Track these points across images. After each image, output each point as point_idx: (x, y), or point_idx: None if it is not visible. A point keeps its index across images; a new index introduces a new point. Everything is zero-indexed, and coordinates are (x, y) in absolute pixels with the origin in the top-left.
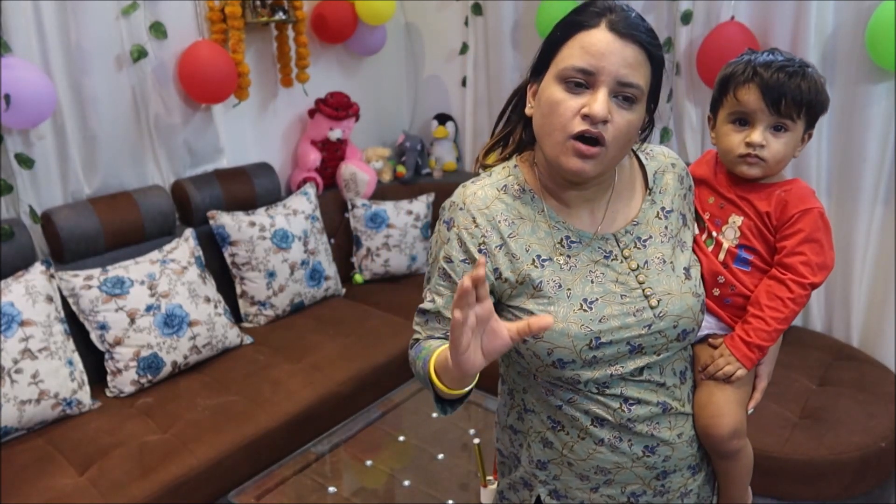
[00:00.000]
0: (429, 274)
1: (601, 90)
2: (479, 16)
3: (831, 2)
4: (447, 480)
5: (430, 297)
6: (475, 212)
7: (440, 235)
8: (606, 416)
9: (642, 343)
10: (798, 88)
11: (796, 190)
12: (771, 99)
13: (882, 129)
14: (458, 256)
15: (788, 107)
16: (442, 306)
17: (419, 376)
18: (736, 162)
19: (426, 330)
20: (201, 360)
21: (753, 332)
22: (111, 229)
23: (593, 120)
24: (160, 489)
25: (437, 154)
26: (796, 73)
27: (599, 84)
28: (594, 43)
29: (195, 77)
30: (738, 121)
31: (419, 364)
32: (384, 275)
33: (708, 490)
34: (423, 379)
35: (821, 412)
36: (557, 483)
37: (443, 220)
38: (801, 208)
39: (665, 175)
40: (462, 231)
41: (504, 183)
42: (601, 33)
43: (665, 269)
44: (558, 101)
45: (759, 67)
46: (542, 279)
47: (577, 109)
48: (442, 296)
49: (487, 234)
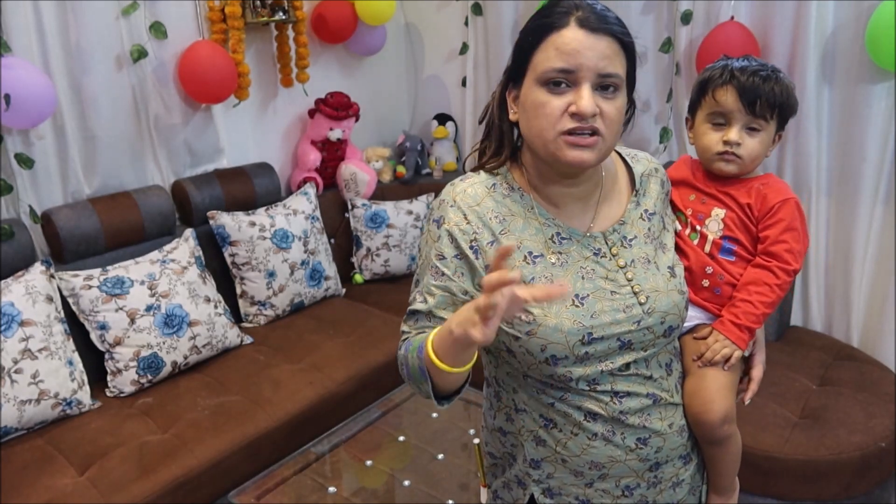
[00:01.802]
0: (418, 276)
1: (584, 86)
2: (479, 16)
3: (831, 2)
4: (447, 480)
5: (422, 298)
6: (466, 209)
7: (430, 234)
8: (599, 411)
9: (631, 339)
10: (772, 91)
11: (773, 183)
12: (747, 100)
13: (882, 129)
14: (451, 252)
15: (763, 108)
16: (434, 306)
17: (411, 370)
18: (713, 159)
19: (416, 330)
20: (201, 360)
21: (743, 315)
22: (111, 229)
23: (582, 116)
24: (160, 489)
25: (437, 154)
26: (770, 77)
27: (581, 80)
28: (567, 42)
29: (195, 77)
30: (715, 121)
31: (412, 356)
32: (384, 275)
33: (698, 479)
34: (415, 371)
35: (821, 412)
36: (551, 481)
37: (432, 219)
38: (780, 199)
39: (649, 179)
40: (453, 227)
41: (493, 182)
42: (572, 31)
43: (650, 268)
44: (543, 103)
45: (735, 71)
46: (534, 275)
47: (564, 108)
48: (434, 295)
49: (479, 231)
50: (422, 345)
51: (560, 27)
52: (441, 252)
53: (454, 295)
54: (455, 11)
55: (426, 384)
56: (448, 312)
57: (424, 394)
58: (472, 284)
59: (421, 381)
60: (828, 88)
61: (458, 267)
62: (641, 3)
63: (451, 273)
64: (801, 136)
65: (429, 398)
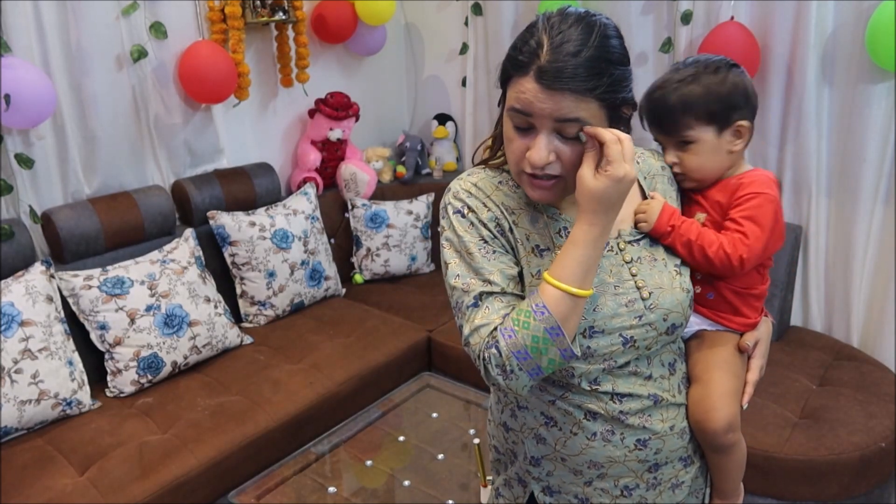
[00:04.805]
0: (463, 268)
1: (540, 135)
2: (479, 16)
3: (831, 2)
4: (447, 480)
5: (482, 283)
6: (483, 198)
7: (459, 226)
8: (599, 410)
9: (634, 335)
10: (677, 100)
11: (751, 175)
12: (651, 123)
13: (882, 129)
14: (488, 235)
15: (671, 123)
16: (503, 284)
17: (533, 347)
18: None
19: (493, 314)
20: (201, 360)
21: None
22: (111, 229)
23: (532, 165)
24: (160, 489)
25: (437, 154)
26: (681, 82)
27: (539, 127)
28: (524, 92)
29: (195, 77)
30: (658, 147)
31: (532, 321)
32: (384, 275)
33: (700, 482)
34: (539, 342)
35: (821, 412)
36: (551, 479)
37: (454, 211)
38: (750, 191)
39: (654, 179)
40: (480, 212)
41: (499, 179)
42: (529, 83)
43: (657, 265)
44: (510, 138)
45: (644, 97)
46: (541, 268)
47: (524, 150)
48: (495, 274)
49: (499, 217)
50: (537, 307)
51: (521, 74)
52: (481, 235)
53: (510, 272)
54: (455, 11)
55: (556, 344)
56: (513, 287)
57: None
58: (513, 260)
59: (549, 346)
60: (828, 88)
61: (500, 245)
62: (641, 3)
63: (499, 250)
64: (801, 136)
65: (563, 359)
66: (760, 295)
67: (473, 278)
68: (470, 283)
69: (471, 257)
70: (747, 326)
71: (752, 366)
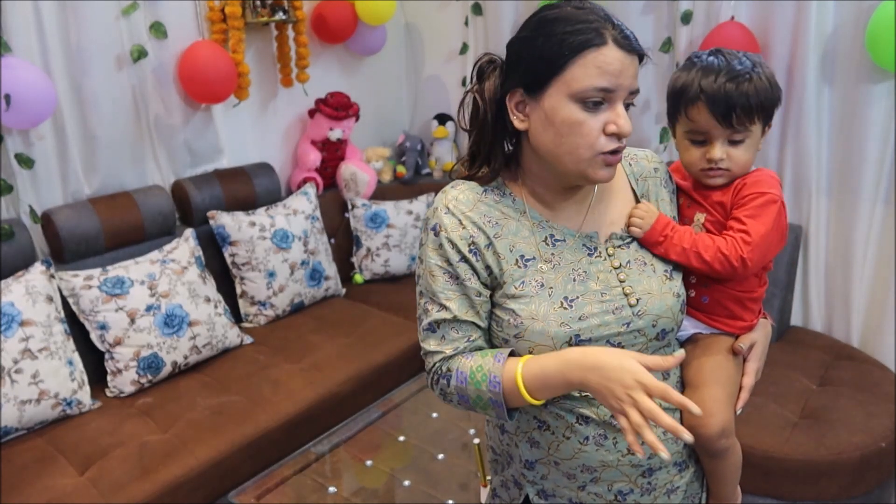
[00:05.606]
0: (426, 286)
1: (619, 105)
2: (479, 16)
3: (831, 2)
4: (447, 480)
5: (438, 308)
6: (460, 215)
7: (430, 244)
8: (591, 415)
9: (622, 342)
10: (745, 95)
11: (755, 175)
12: (721, 115)
13: (882, 129)
14: (455, 257)
15: (740, 118)
16: (457, 311)
17: (475, 401)
18: (699, 175)
19: (446, 345)
20: (201, 360)
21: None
22: (111, 229)
23: (622, 136)
24: (160, 489)
25: (437, 154)
26: (742, 77)
27: (616, 99)
28: (610, 62)
29: (195, 77)
30: (694, 138)
31: (475, 387)
32: (384, 275)
33: (696, 487)
34: (480, 401)
35: (821, 412)
36: (545, 483)
37: (429, 228)
38: (755, 190)
39: (647, 181)
40: (451, 233)
41: (484, 188)
42: (613, 51)
43: (646, 270)
44: (580, 121)
45: (703, 83)
46: (525, 279)
47: (601, 128)
48: (453, 300)
49: (475, 235)
50: (493, 379)
51: (599, 45)
52: (447, 257)
53: (470, 297)
54: (455, 11)
55: (495, 412)
56: (470, 315)
57: (488, 414)
58: (479, 284)
59: (488, 408)
60: (828, 88)
61: (465, 270)
62: (641, 3)
63: (462, 276)
64: (801, 136)
65: (498, 419)
66: (758, 298)
67: (431, 302)
68: (428, 308)
69: (433, 279)
70: (743, 329)
71: (747, 369)
